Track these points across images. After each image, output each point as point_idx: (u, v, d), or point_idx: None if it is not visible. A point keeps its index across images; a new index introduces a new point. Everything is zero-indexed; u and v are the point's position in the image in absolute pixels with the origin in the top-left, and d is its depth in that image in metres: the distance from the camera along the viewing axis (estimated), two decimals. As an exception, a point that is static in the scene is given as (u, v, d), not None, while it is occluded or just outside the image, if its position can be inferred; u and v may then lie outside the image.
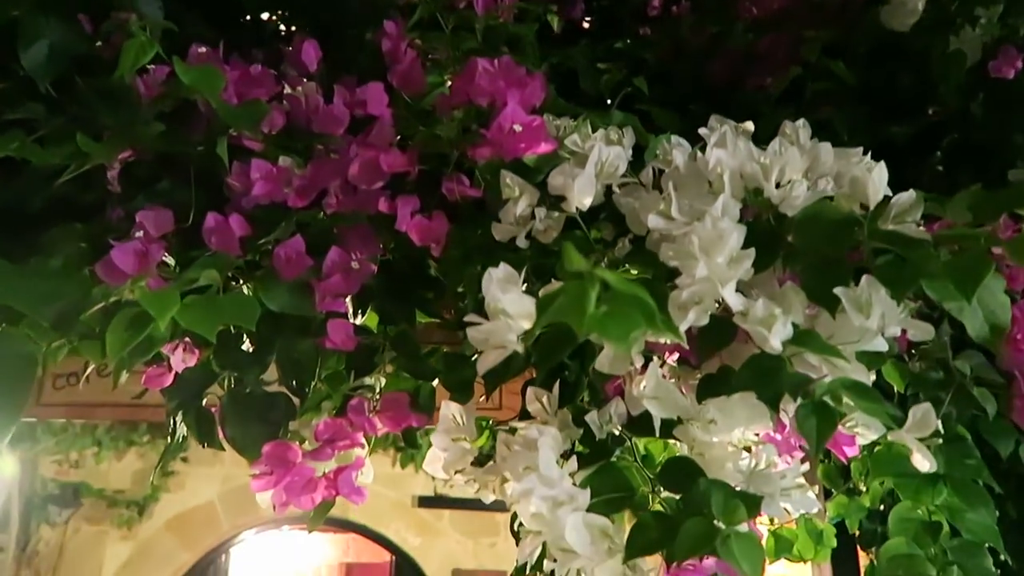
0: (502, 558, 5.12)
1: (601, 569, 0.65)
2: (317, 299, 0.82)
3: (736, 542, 0.60)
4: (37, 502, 5.01)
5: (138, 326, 0.68)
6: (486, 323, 0.70)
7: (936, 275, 0.63)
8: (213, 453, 3.99)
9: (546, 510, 0.66)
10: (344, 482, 0.79)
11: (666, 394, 0.69)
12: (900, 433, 0.71)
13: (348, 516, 5.19)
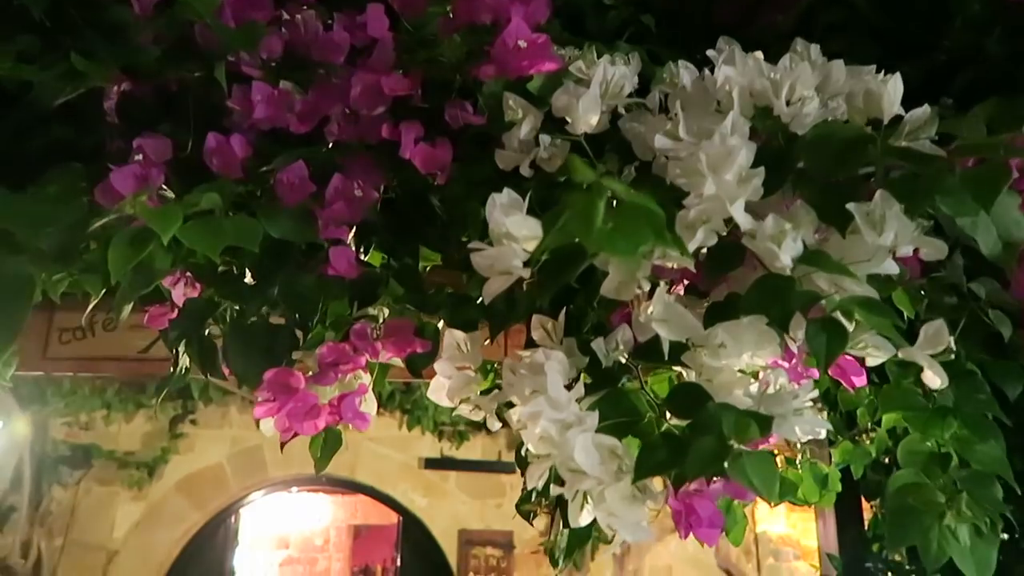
0: (508, 519, 5.17)
1: (610, 491, 0.65)
2: (320, 226, 0.81)
3: (748, 460, 0.60)
4: (48, 463, 5.08)
5: (140, 243, 0.67)
6: (490, 248, 0.69)
7: (951, 189, 0.61)
8: (221, 415, 4.08)
9: (554, 432, 0.65)
10: (347, 407, 0.78)
11: (675, 316, 0.68)
12: (911, 350, 0.70)
13: (356, 478, 5.25)
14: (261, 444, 5.24)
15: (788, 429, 0.65)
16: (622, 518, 0.65)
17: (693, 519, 0.75)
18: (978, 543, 0.76)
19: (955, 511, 0.75)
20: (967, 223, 0.64)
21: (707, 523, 0.74)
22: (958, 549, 0.75)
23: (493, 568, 5.09)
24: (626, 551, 5.08)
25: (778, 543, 4.99)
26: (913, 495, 0.78)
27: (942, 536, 0.75)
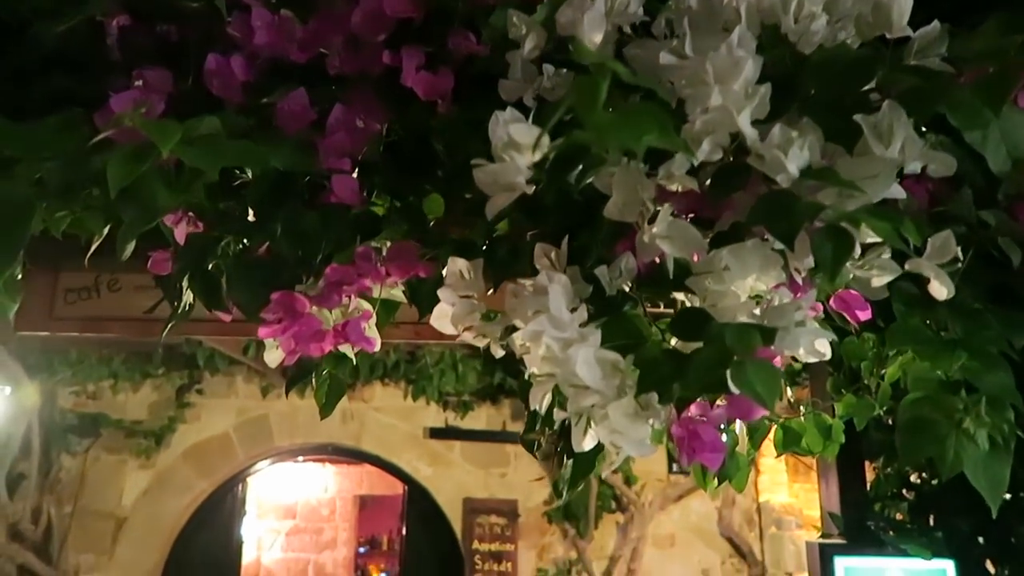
0: (513, 488, 5.22)
1: (613, 408, 0.65)
2: (321, 157, 0.80)
3: (751, 368, 0.59)
4: (57, 432, 5.13)
5: (140, 158, 0.66)
6: (493, 164, 0.68)
7: (960, 99, 0.60)
8: (227, 385, 4.10)
9: (557, 349, 0.65)
10: (353, 330, 0.78)
11: (679, 232, 0.68)
12: (919, 262, 0.70)
13: (361, 447, 5.29)
14: (267, 414, 5.29)
15: (792, 341, 0.65)
16: (625, 435, 0.65)
17: (696, 444, 0.75)
18: (993, 458, 0.75)
19: (973, 416, 0.74)
20: (976, 138, 0.63)
21: (709, 448, 0.74)
22: (973, 461, 0.75)
23: (498, 536, 5.13)
24: (629, 520, 5.12)
25: (780, 512, 5.02)
26: (928, 406, 0.78)
27: (959, 444, 0.75)
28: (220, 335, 2.68)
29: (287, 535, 7.44)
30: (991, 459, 0.77)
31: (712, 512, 5.23)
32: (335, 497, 7.61)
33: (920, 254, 0.85)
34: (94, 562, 5.03)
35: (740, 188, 0.70)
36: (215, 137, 0.70)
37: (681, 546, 5.21)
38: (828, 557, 2.11)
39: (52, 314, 2.31)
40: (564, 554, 5.14)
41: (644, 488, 5.21)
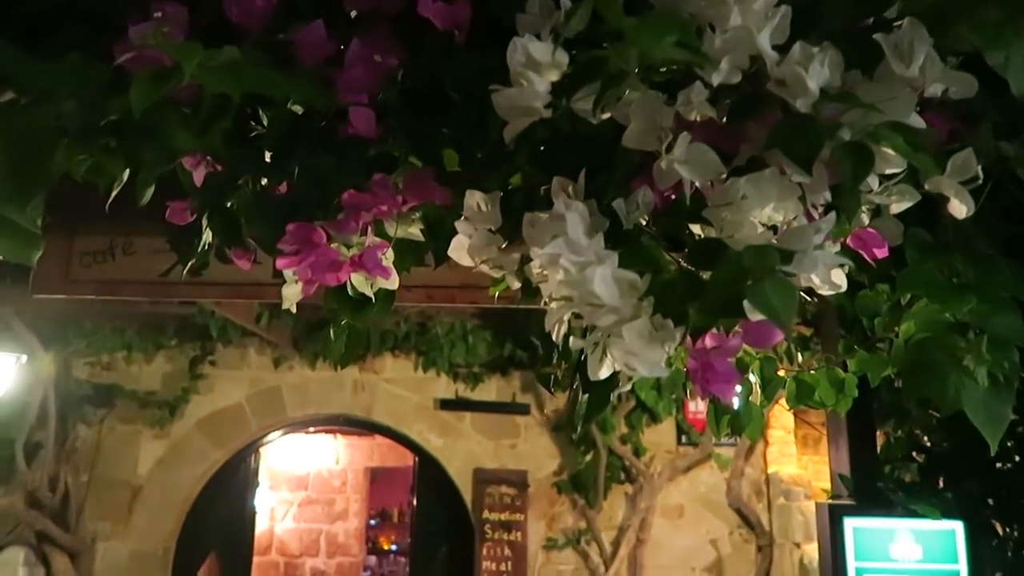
0: (523, 458, 5.26)
1: (628, 329, 0.65)
2: (339, 91, 0.80)
3: (769, 285, 0.60)
4: (72, 402, 5.19)
5: (163, 79, 0.67)
6: (511, 88, 0.68)
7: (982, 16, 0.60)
8: (240, 356, 4.14)
9: (574, 271, 0.66)
10: (369, 259, 0.79)
11: (697, 156, 0.68)
12: (939, 180, 0.70)
13: (372, 418, 5.33)
14: (279, 385, 5.33)
15: (809, 264, 0.65)
16: (641, 357, 0.66)
17: (709, 375, 0.76)
18: (994, 396, 0.76)
19: (975, 353, 0.75)
20: (999, 60, 0.63)
21: (723, 378, 0.75)
22: (974, 398, 0.76)
23: (508, 506, 5.18)
24: (638, 490, 5.15)
25: (789, 483, 5.05)
26: (932, 346, 0.78)
27: (959, 382, 0.75)
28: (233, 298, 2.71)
29: (299, 506, 7.54)
30: (992, 397, 0.77)
31: (720, 483, 5.26)
32: (346, 469, 7.69)
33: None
34: (111, 530, 5.12)
35: (758, 114, 0.71)
36: (236, 63, 0.71)
37: (690, 516, 5.25)
38: (837, 518, 2.12)
39: (68, 277, 2.33)
40: (573, 524, 5.19)
41: (653, 459, 5.24)
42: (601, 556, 5.09)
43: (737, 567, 5.17)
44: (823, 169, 0.75)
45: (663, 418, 5.24)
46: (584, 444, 5.15)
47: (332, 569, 7.41)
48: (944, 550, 2.09)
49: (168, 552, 5.17)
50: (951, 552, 2.09)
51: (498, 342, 5.14)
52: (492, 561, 5.07)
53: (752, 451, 5.29)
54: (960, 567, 2.07)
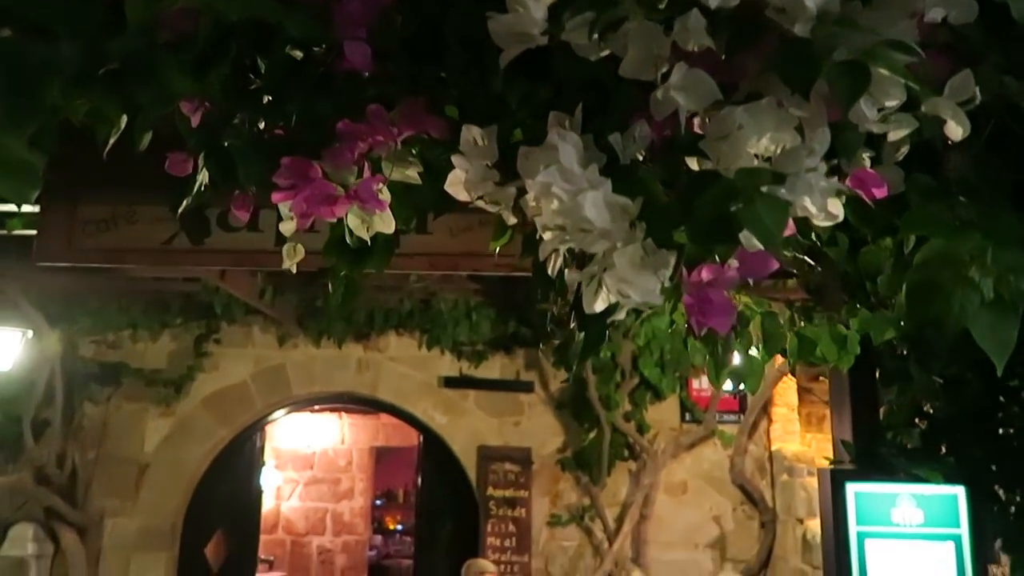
0: (526, 436, 5.28)
1: (621, 255, 0.65)
2: (337, 26, 0.80)
3: (759, 202, 0.59)
4: (79, 380, 5.23)
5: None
6: (506, 15, 0.68)
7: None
8: (244, 335, 4.16)
9: (567, 198, 0.65)
10: (365, 190, 0.79)
11: (695, 82, 0.67)
12: (936, 102, 0.69)
13: (377, 395, 5.36)
14: (284, 363, 5.36)
15: (803, 187, 0.64)
16: (634, 284, 0.65)
17: (706, 308, 0.75)
18: (1000, 318, 0.75)
19: (979, 264, 0.74)
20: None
21: (719, 310, 0.75)
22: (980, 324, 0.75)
23: (512, 483, 5.21)
24: (642, 467, 5.17)
25: (792, 460, 5.05)
26: (936, 264, 0.77)
27: (965, 298, 0.75)
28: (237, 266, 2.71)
29: (305, 485, 7.59)
30: (998, 319, 0.77)
31: (724, 460, 5.27)
32: (351, 448, 7.74)
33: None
34: (118, 506, 5.16)
35: (756, 45, 0.70)
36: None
37: (693, 493, 5.27)
38: (839, 483, 2.13)
39: (71, 245, 2.34)
40: (577, 500, 5.21)
41: (657, 436, 5.25)
42: (605, 532, 5.12)
43: (740, 543, 5.20)
44: (821, 101, 0.74)
45: (667, 395, 5.25)
46: (588, 421, 5.16)
47: (338, 547, 7.47)
48: (945, 515, 2.10)
49: (175, 528, 5.22)
50: (952, 517, 2.10)
51: (502, 320, 5.15)
52: (496, 537, 5.11)
53: (756, 428, 5.30)
54: (961, 531, 2.08)
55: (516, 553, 5.12)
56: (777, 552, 5.04)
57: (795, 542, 4.79)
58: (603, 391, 5.08)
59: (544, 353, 5.24)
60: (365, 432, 7.78)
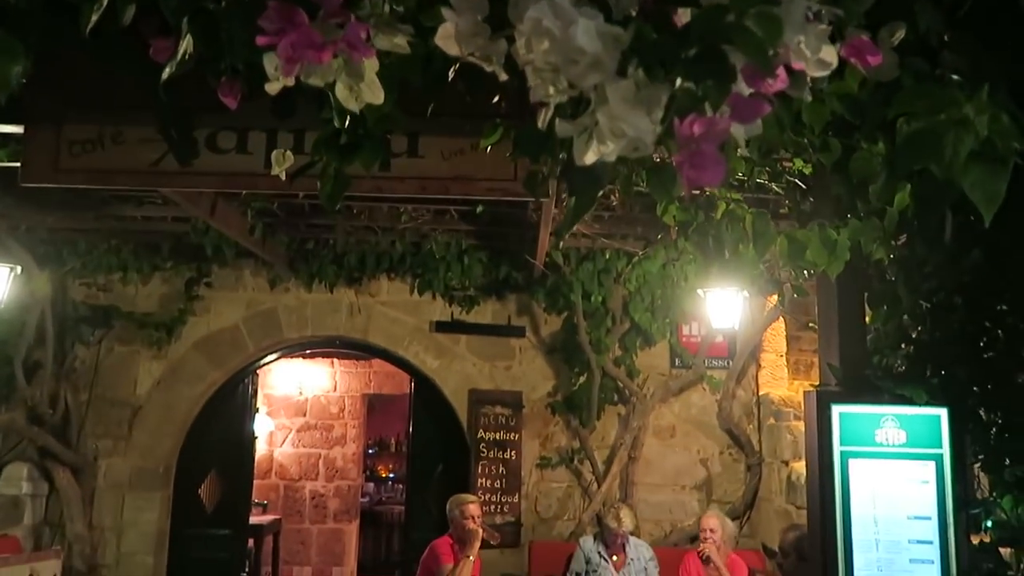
0: (517, 380, 5.32)
1: (612, 90, 0.64)
2: None
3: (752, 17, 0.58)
4: (70, 323, 5.22)
5: None
6: None
7: None
8: (236, 278, 4.17)
9: (558, 31, 0.64)
10: (352, 36, 0.77)
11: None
12: None
13: (368, 339, 5.37)
14: (275, 307, 5.35)
15: (796, 10, 0.64)
16: (627, 120, 0.65)
17: (697, 162, 0.75)
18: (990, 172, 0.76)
19: (975, 102, 0.74)
20: None
21: (710, 163, 0.75)
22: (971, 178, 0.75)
23: (502, 426, 5.27)
24: (631, 411, 5.23)
25: (779, 405, 5.12)
26: (927, 104, 0.77)
27: (958, 140, 0.75)
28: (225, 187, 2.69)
29: (297, 431, 7.66)
30: (988, 172, 0.77)
31: (712, 405, 5.34)
32: (344, 396, 7.79)
33: None
34: (112, 447, 5.21)
35: None
36: None
37: (681, 437, 5.35)
38: (825, 405, 2.16)
39: (57, 166, 2.31)
40: (567, 443, 5.28)
41: (646, 381, 5.31)
42: (593, 474, 5.20)
43: (726, 485, 5.29)
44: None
45: (657, 341, 5.29)
46: (578, 366, 5.21)
47: (331, 492, 7.58)
48: (928, 435, 2.13)
49: (169, 470, 5.28)
50: (935, 437, 2.13)
51: (493, 264, 5.15)
52: (487, 478, 5.18)
53: (744, 374, 5.36)
54: (943, 451, 2.11)
55: (506, 494, 5.20)
56: (762, 494, 5.14)
57: (780, 483, 4.88)
58: (594, 336, 5.11)
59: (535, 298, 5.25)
60: (357, 380, 7.83)
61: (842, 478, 2.09)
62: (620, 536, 4.27)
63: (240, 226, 4.06)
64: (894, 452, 2.12)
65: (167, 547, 5.23)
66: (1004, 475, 1.99)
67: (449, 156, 2.28)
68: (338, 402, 7.76)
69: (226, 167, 2.28)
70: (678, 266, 4.79)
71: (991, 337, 2.13)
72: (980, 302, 2.11)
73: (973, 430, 2.14)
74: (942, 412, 2.10)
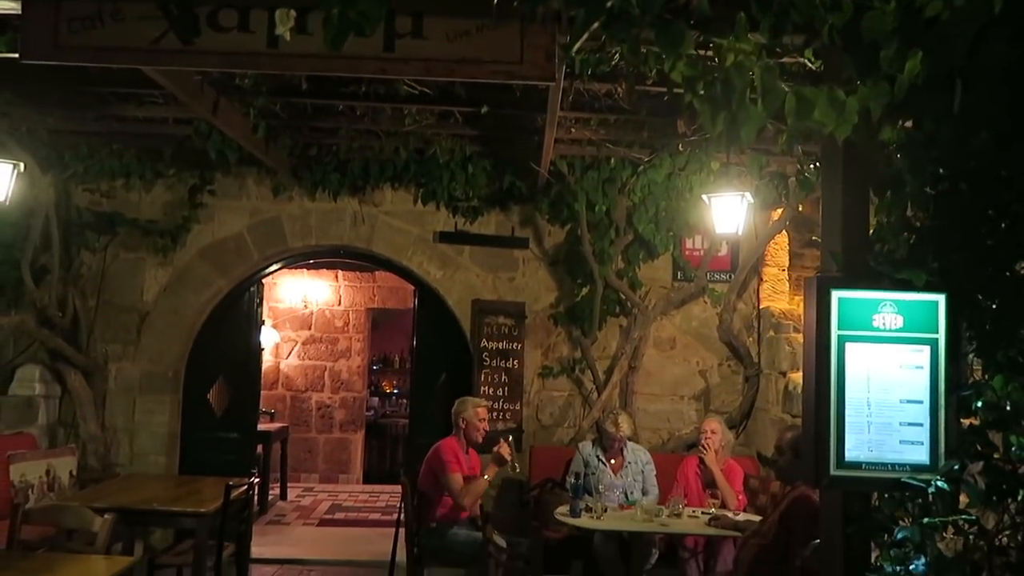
0: (520, 291, 5.37)
1: None
2: None
3: None
4: (75, 229, 5.23)
5: None
6: None
7: None
8: (239, 186, 4.19)
9: None
10: None
11: None
12: None
13: (373, 249, 5.39)
14: (279, 216, 5.36)
15: None
16: None
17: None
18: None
19: None
20: None
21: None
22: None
23: (505, 336, 5.35)
24: (632, 322, 5.29)
25: (779, 317, 5.17)
26: None
27: None
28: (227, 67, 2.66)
29: (303, 344, 7.78)
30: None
31: (712, 318, 5.40)
32: (348, 310, 7.88)
33: None
34: (121, 352, 5.30)
35: None
36: None
37: (681, 348, 5.43)
38: (825, 290, 2.18)
39: (56, 43, 2.28)
40: (568, 354, 5.37)
41: (648, 293, 5.35)
42: (594, 383, 5.30)
43: (724, 396, 5.40)
44: None
45: (660, 253, 5.30)
46: (581, 277, 5.24)
47: (336, 403, 7.75)
48: (925, 321, 2.16)
49: (178, 375, 5.39)
50: (931, 322, 2.16)
51: (498, 172, 5.12)
52: (489, 387, 5.29)
53: (745, 287, 5.40)
54: (939, 336, 2.15)
55: (508, 402, 5.32)
56: (759, 404, 5.24)
57: (776, 394, 4.97)
58: (597, 247, 5.12)
59: (539, 209, 5.24)
60: (361, 294, 7.90)
61: (838, 362, 2.13)
62: (618, 441, 4.39)
63: (243, 126, 4.02)
64: (891, 336, 2.15)
65: (178, 448, 5.39)
66: (997, 357, 2.03)
67: (454, 38, 2.24)
68: (343, 316, 7.86)
69: (227, 46, 2.25)
70: (683, 176, 4.76)
71: (994, 225, 2.13)
72: (986, 188, 2.10)
73: (970, 316, 2.16)
74: (940, 298, 2.13)
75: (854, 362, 2.21)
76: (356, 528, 6.02)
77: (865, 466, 2.13)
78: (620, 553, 4.19)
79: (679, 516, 3.95)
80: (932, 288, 2.15)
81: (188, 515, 3.72)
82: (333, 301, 7.87)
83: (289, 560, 5.06)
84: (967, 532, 1.80)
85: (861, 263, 2.19)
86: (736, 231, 4.17)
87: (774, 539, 3.28)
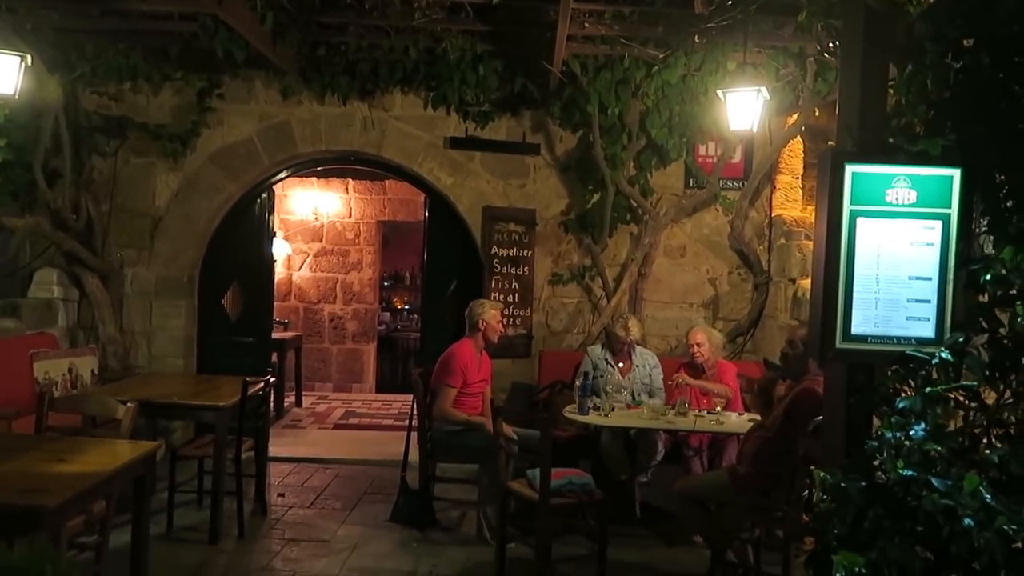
0: (531, 198, 5.35)
1: None
2: None
3: None
4: (85, 133, 5.21)
5: None
6: None
7: None
8: (247, 90, 4.14)
9: None
10: None
11: None
12: None
13: (383, 155, 5.36)
14: (289, 120, 5.31)
15: None
16: None
17: None
18: None
19: None
20: None
21: None
22: None
23: (516, 242, 5.36)
24: (643, 229, 5.28)
25: (791, 224, 5.14)
26: None
27: None
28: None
29: (315, 256, 7.83)
30: None
31: (724, 226, 5.38)
32: (359, 222, 7.89)
33: None
34: (136, 256, 5.36)
35: None
36: None
37: (691, 256, 5.43)
38: (839, 164, 2.16)
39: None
40: (578, 261, 5.39)
41: (660, 200, 5.32)
42: (604, 290, 5.34)
43: (733, 303, 5.43)
44: None
45: (673, 160, 5.24)
46: (592, 184, 5.20)
47: (348, 315, 7.85)
48: (938, 196, 2.15)
49: (192, 280, 5.45)
50: (945, 198, 2.15)
51: (509, 74, 5.02)
52: (500, 293, 5.34)
53: (758, 195, 5.35)
54: (951, 211, 2.14)
55: (519, 308, 5.37)
56: (767, 311, 5.27)
57: (785, 301, 4.99)
58: (609, 151, 5.06)
59: (551, 114, 5.16)
60: (371, 206, 7.89)
61: (848, 237, 2.13)
62: (627, 344, 4.44)
63: (249, 20, 3.94)
64: (903, 212, 2.15)
65: (195, 352, 5.51)
66: (1008, 229, 2.03)
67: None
68: (353, 228, 7.88)
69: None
70: (699, 77, 4.66)
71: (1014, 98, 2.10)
72: (1009, 61, 2.06)
73: (984, 190, 2.15)
74: (955, 173, 2.11)
75: (865, 238, 2.21)
76: (370, 431, 6.19)
77: (871, 339, 2.16)
78: (627, 452, 4.30)
79: (685, 415, 4.02)
80: (948, 162, 2.13)
81: (207, 408, 3.80)
82: (344, 213, 7.88)
83: (306, 459, 5.23)
84: (968, 407, 1.83)
85: (877, 138, 2.17)
86: (751, 128, 4.10)
87: (778, 431, 3.34)
